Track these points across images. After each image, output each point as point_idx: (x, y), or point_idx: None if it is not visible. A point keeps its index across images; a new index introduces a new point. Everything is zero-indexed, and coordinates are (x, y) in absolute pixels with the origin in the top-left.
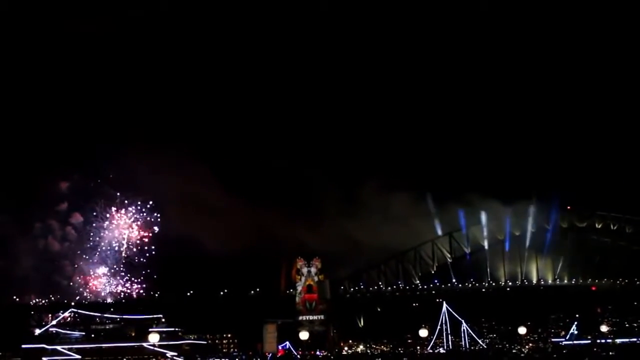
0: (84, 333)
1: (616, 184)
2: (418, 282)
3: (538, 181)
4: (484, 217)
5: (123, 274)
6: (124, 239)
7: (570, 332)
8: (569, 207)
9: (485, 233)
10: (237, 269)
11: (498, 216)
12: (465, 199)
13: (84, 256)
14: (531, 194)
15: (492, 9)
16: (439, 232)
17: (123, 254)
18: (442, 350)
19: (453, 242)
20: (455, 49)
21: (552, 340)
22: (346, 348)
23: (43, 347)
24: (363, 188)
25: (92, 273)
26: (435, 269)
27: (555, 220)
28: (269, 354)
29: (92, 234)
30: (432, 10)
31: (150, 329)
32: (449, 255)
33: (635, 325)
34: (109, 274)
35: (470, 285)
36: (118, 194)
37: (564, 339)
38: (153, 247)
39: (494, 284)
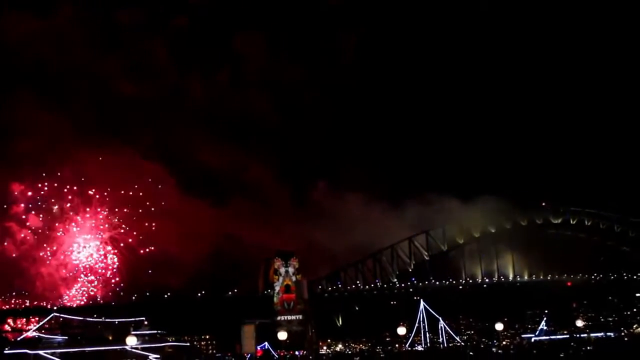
0: (67, 337)
1: (590, 180)
2: (395, 280)
3: (513, 178)
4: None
5: (87, 278)
6: (87, 242)
7: (540, 327)
8: (543, 204)
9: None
10: (214, 270)
11: (474, 213)
12: (441, 197)
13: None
14: (506, 190)
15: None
16: (416, 230)
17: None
18: (420, 348)
19: (430, 240)
20: (423, 47)
21: (522, 336)
22: (325, 347)
23: (25, 353)
24: (339, 187)
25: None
26: (412, 267)
27: (530, 217)
28: (247, 355)
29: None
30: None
31: (131, 332)
32: (426, 253)
33: (610, 319)
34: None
35: (447, 282)
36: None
37: (533, 335)
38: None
39: (470, 280)
